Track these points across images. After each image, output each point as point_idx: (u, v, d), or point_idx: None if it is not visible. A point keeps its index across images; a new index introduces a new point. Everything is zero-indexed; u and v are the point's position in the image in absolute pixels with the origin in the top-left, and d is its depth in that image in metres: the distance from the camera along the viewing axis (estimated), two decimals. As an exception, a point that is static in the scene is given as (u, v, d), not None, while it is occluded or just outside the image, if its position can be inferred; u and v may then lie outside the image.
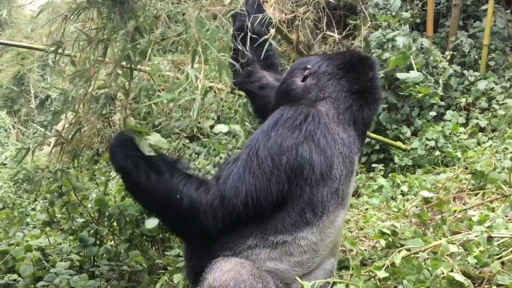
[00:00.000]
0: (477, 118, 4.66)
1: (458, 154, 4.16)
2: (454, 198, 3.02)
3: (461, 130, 4.55)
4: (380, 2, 5.76)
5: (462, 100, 4.94)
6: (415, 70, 4.80)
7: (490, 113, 4.70)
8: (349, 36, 6.27)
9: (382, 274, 1.89)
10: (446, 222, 2.49)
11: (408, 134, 4.96)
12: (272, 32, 2.27)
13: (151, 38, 1.80)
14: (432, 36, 5.86)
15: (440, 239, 2.19)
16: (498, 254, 2.02)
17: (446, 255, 1.92)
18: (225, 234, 1.82)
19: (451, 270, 1.74)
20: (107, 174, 2.93)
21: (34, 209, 7.45)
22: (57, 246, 2.95)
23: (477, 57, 5.50)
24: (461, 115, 4.79)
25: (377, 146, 5.00)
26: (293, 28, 5.45)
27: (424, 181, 3.72)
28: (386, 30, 5.32)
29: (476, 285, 1.88)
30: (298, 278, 1.78)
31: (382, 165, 4.70)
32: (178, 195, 1.79)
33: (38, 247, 2.87)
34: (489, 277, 1.83)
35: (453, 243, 2.03)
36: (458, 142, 4.41)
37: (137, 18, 1.81)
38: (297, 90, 2.01)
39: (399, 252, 2.04)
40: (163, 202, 1.82)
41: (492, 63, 5.37)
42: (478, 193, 2.98)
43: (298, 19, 3.54)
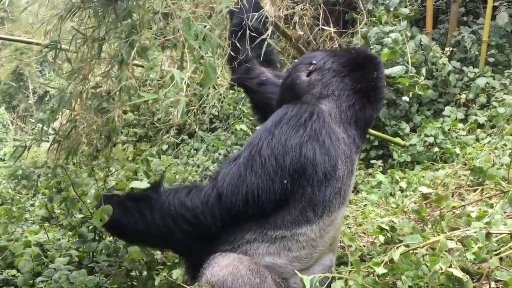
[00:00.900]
0: (475, 115, 4.65)
1: (457, 151, 4.16)
2: (453, 194, 3.02)
3: (460, 126, 4.55)
4: (378, -2, 5.75)
5: (462, 96, 4.93)
6: (410, 65, 4.82)
7: (489, 109, 4.69)
8: (347, 32, 6.26)
9: (380, 270, 1.89)
10: (444, 218, 2.49)
11: (407, 130, 4.96)
12: (270, 29, 2.25)
13: (148, 35, 1.78)
14: (431, 32, 5.85)
15: (438, 235, 2.20)
16: (496, 250, 2.04)
17: (445, 251, 1.92)
18: (224, 229, 1.83)
19: (450, 266, 1.74)
20: (106, 170, 2.93)
21: (32, 204, 7.45)
22: (56, 242, 2.95)
23: (477, 53, 5.50)
24: (460, 112, 4.79)
25: (376, 142, 5.00)
26: (291, 24, 5.44)
27: (422, 177, 3.73)
28: (384, 26, 5.31)
29: (474, 281, 1.89)
30: (297, 272, 1.78)
31: (381, 161, 4.70)
32: (171, 207, 1.80)
33: (37, 243, 2.87)
34: (487, 272, 1.83)
35: (451, 239, 2.04)
36: (457, 138, 4.42)
37: (131, 16, 1.80)
38: (301, 85, 2.00)
39: (398, 248, 2.05)
40: (162, 223, 1.83)
41: (491, 60, 5.36)
42: (477, 189, 2.99)
43: (296, 15, 3.53)
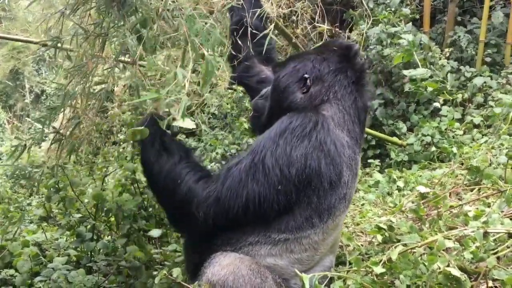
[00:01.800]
0: (471, 115, 4.66)
1: (454, 150, 4.17)
2: (450, 194, 3.03)
3: (456, 126, 4.57)
4: (379, -3, 5.76)
5: (458, 96, 4.95)
6: (420, 66, 4.83)
7: (485, 109, 4.71)
8: (345, 31, 6.27)
9: (379, 269, 1.90)
10: (442, 217, 2.50)
11: (404, 129, 4.97)
12: (271, 26, 2.24)
13: (152, 33, 1.77)
14: (428, 31, 5.86)
15: (436, 235, 2.21)
16: (494, 249, 2.05)
17: (442, 250, 1.93)
18: (225, 230, 1.83)
19: (448, 265, 1.75)
20: (105, 169, 2.93)
21: (30, 204, 7.43)
22: (54, 242, 2.95)
23: (474, 53, 5.51)
24: (457, 111, 4.81)
25: (373, 142, 5.01)
26: (290, 23, 5.44)
27: (420, 176, 3.74)
28: (386, 26, 5.31)
29: (472, 280, 1.90)
30: (297, 271, 1.79)
31: (378, 160, 4.71)
32: (179, 180, 1.81)
33: (35, 243, 2.87)
34: (485, 272, 1.84)
35: (449, 239, 2.05)
36: (453, 138, 4.43)
37: (136, 13, 1.79)
38: (300, 102, 1.95)
39: (396, 247, 2.06)
40: (166, 183, 1.85)
41: (488, 59, 5.38)
42: (474, 188, 3.00)
43: (297, 12, 3.53)
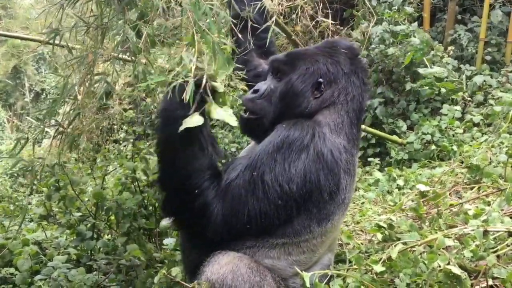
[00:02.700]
0: (471, 113, 4.66)
1: (454, 148, 4.17)
2: (450, 192, 3.03)
3: (456, 124, 4.56)
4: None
5: (459, 94, 4.94)
6: (427, 65, 4.83)
7: (486, 107, 4.70)
8: (345, 28, 6.27)
9: (378, 268, 1.90)
10: (442, 216, 2.50)
11: (404, 128, 4.96)
12: (274, 18, 2.19)
13: (152, 28, 1.74)
14: (428, 30, 5.86)
15: (436, 233, 2.21)
16: (493, 248, 2.05)
17: (442, 249, 1.93)
18: (222, 237, 1.79)
19: (448, 263, 1.75)
20: (104, 168, 2.93)
21: (30, 203, 7.43)
22: (54, 240, 2.95)
23: (474, 51, 5.50)
24: (457, 110, 4.80)
25: (373, 140, 5.01)
26: (290, 20, 5.43)
27: (420, 175, 3.74)
28: (389, 25, 5.30)
29: (472, 278, 1.90)
30: (297, 269, 1.79)
31: (378, 159, 4.71)
32: (197, 190, 1.73)
33: (35, 241, 2.88)
34: (484, 270, 1.84)
35: (449, 237, 2.05)
36: (453, 136, 4.43)
37: (136, 7, 1.77)
38: (312, 107, 1.91)
39: (396, 246, 2.06)
40: (183, 181, 1.74)
41: (488, 58, 5.37)
42: (474, 187, 3.00)
43: (295, 12, 3.52)
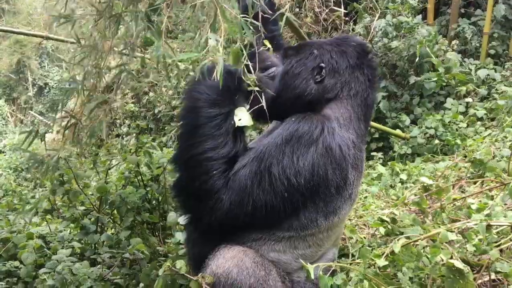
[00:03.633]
0: (475, 108, 4.65)
1: (458, 142, 4.17)
2: (453, 186, 3.03)
3: (460, 118, 4.56)
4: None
5: (462, 88, 4.93)
6: (433, 58, 4.82)
7: (489, 102, 4.69)
8: (348, 23, 6.26)
9: (381, 262, 1.90)
10: (445, 210, 2.50)
11: (407, 122, 4.96)
12: (286, 6, 2.16)
13: (161, 19, 1.71)
14: (432, 23, 5.84)
15: (439, 227, 2.21)
16: (496, 242, 2.05)
17: (445, 243, 1.93)
18: (226, 225, 1.79)
19: (451, 257, 1.76)
20: (108, 163, 2.94)
21: (33, 197, 7.47)
22: (58, 234, 2.97)
23: (478, 45, 5.48)
24: (461, 104, 4.79)
25: (376, 134, 5.01)
26: (296, 14, 5.42)
27: (423, 169, 3.74)
28: (393, 18, 5.28)
29: (474, 272, 1.90)
30: (302, 261, 1.79)
31: (382, 153, 4.71)
32: (210, 173, 1.73)
33: (39, 235, 2.89)
34: (487, 264, 1.85)
35: (452, 231, 2.04)
36: (457, 130, 4.42)
37: None
38: (313, 92, 1.90)
39: (399, 240, 2.06)
40: (198, 156, 1.74)
41: (492, 51, 5.35)
42: (477, 181, 2.99)
43: (301, 6, 3.52)
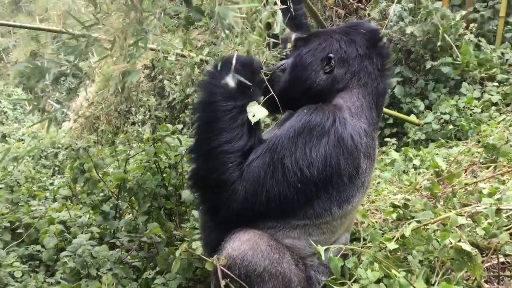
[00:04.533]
0: (489, 93, 4.60)
1: (472, 127, 4.15)
2: (466, 172, 3.04)
3: (475, 103, 4.53)
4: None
5: (476, 73, 4.87)
6: (452, 43, 4.77)
7: (504, 86, 4.65)
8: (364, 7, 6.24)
9: (392, 245, 1.94)
10: (456, 195, 2.52)
11: (422, 107, 4.94)
12: None
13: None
14: (447, 6, 5.76)
15: (450, 212, 2.23)
16: (506, 226, 2.07)
17: (456, 227, 1.96)
18: (242, 216, 1.83)
19: (459, 240, 1.79)
20: (127, 153, 3.01)
21: (52, 183, 7.63)
22: (77, 220, 3.07)
23: (494, 28, 5.40)
24: (475, 89, 4.75)
25: (390, 120, 5.00)
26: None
27: (436, 154, 3.74)
28: (409, 3, 5.24)
29: (483, 255, 1.93)
30: (313, 243, 1.83)
31: (395, 139, 4.71)
32: (226, 166, 1.77)
33: (60, 220, 2.99)
34: (495, 247, 1.88)
35: (461, 215, 2.07)
36: (471, 116, 4.40)
37: None
38: (323, 83, 1.93)
39: (409, 224, 2.10)
40: (216, 149, 1.78)
41: (508, 35, 5.28)
42: (490, 166, 3.00)
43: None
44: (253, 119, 1.79)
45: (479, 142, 3.58)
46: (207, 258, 1.81)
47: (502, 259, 1.92)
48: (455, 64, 4.90)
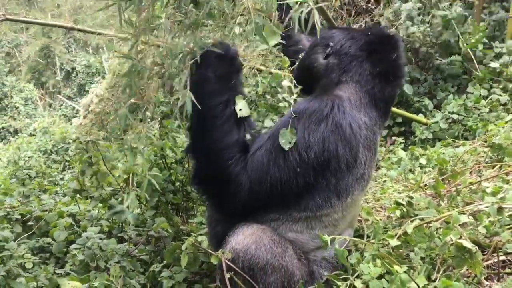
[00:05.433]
0: (497, 94, 4.57)
1: (479, 127, 4.15)
2: (471, 171, 3.05)
3: (483, 103, 4.51)
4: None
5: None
6: (462, 41, 4.77)
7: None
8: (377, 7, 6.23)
9: (394, 242, 1.96)
10: (460, 193, 2.54)
11: (430, 106, 4.94)
12: None
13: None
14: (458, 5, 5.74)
15: (453, 210, 2.25)
16: (509, 224, 2.09)
17: (459, 225, 1.98)
18: (248, 206, 1.88)
19: (460, 238, 1.81)
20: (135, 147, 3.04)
21: (62, 178, 7.72)
22: (86, 213, 3.12)
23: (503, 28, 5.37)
24: (483, 88, 4.72)
25: (399, 119, 5.01)
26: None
27: (443, 153, 3.75)
28: (418, 3, 5.23)
29: (485, 253, 1.95)
30: (320, 234, 1.87)
31: (403, 138, 4.71)
32: (230, 161, 1.82)
33: (69, 214, 3.05)
34: (496, 245, 1.90)
35: (464, 213, 2.09)
36: (479, 115, 4.39)
37: None
38: (319, 68, 2.05)
39: (412, 221, 2.12)
40: (215, 144, 1.83)
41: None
42: (495, 165, 3.01)
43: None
44: (240, 113, 1.83)
45: (486, 141, 3.58)
46: (213, 251, 1.85)
47: (503, 257, 1.94)
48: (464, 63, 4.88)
